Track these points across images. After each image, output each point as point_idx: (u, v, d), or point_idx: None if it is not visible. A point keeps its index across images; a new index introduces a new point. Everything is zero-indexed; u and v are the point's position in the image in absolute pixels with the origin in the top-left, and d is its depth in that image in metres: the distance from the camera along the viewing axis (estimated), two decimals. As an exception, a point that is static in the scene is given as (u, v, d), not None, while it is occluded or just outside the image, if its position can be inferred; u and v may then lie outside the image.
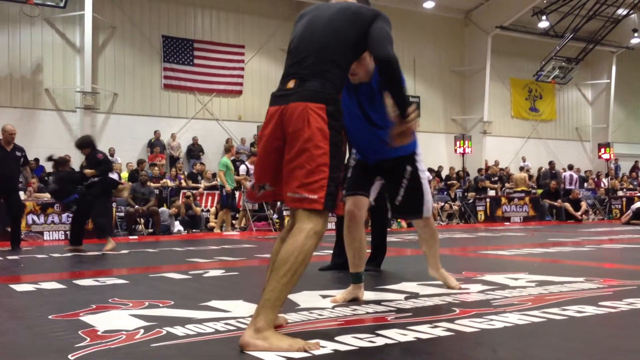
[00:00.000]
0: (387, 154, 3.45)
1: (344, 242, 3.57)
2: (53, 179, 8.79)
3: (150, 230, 12.47)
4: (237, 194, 13.37)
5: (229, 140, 17.78)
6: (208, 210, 14.10)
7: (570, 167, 20.19)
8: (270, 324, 2.39)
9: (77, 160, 12.03)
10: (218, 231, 12.66)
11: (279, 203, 13.66)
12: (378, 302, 3.39)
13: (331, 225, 13.09)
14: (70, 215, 9.13)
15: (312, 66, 2.63)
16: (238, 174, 13.47)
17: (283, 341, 2.34)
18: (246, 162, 13.93)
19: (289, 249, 2.45)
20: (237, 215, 13.97)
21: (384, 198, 5.32)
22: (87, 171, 8.16)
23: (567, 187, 18.64)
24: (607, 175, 20.49)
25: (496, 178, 19.18)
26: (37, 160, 14.29)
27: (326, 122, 2.53)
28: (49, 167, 12.52)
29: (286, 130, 2.56)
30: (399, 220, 14.37)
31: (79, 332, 2.72)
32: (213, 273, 5.20)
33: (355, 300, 3.46)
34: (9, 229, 8.96)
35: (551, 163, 19.27)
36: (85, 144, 8.33)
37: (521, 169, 20.87)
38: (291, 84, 2.62)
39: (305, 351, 2.29)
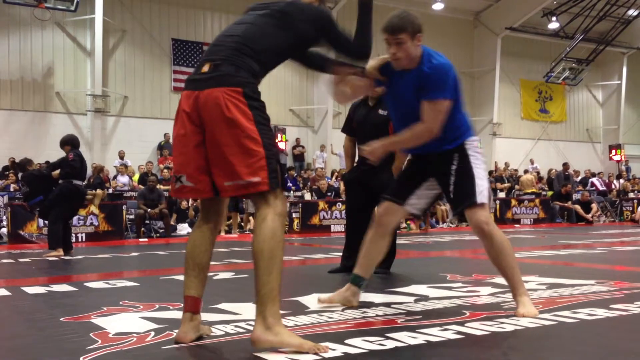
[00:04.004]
0: (434, 147, 3.17)
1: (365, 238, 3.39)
2: (23, 180, 8.58)
3: (156, 235, 12.50)
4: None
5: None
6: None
7: (593, 175, 21.30)
8: (278, 317, 2.38)
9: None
10: (222, 234, 12.67)
11: (287, 204, 13.68)
12: (388, 305, 3.39)
13: (341, 227, 13.09)
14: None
15: (229, 51, 2.57)
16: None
17: (293, 338, 2.36)
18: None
19: (260, 239, 2.43)
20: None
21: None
22: (54, 172, 8.09)
23: (601, 188, 19.77)
24: (618, 177, 20.39)
25: (509, 184, 19.23)
26: (47, 162, 14.38)
27: (246, 104, 2.46)
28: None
29: (203, 117, 2.49)
30: (408, 222, 14.35)
31: (91, 335, 2.74)
32: (223, 275, 5.21)
33: (347, 305, 3.29)
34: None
35: (565, 165, 19.19)
36: (66, 142, 8.18)
37: (526, 171, 20.80)
38: (206, 68, 2.55)
39: (315, 353, 2.30)
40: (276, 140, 2.54)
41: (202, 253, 2.66)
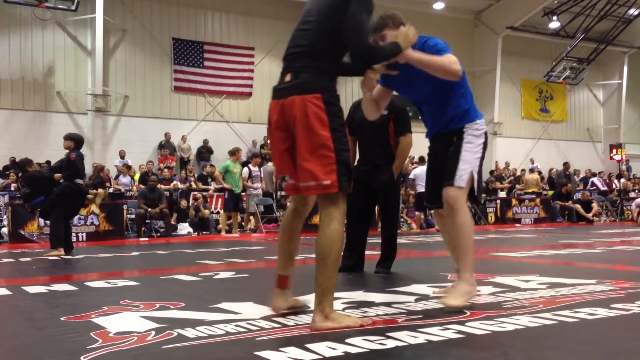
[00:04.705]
0: (442, 127, 3.44)
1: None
2: (24, 181, 8.51)
3: (157, 234, 12.51)
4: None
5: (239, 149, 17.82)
6: (218, 212, 14.13)
7: (594, 174, 21.38)
8: (332, 307, 2.77)
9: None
10: (223, 233, 12.68)
11: (288, 203, 13.66)
12: (388, 304, 3.38)
13: (341, 226, 13.08)
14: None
15: (304, 59, 2.81)
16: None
17: (347, 320, 2.77)
18: (249, 165, 13.85)
19: (327, 239, 2.72)
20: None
21: (393, 200, 5.34)
22: (56, 175, 8.07)
23: (602, 188, 19.90)
24: (618, 177, 20.40)
25: (511, 178, 19.28)
26: (48, 162, 14.39)
27: (324, 110, 2.72)
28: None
29: (288, 122, 2.77)
30: (409, 222, 14.35)
31: (91, 334, 2.74)
32: (223, 275, 5.22)
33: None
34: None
35: (566, 164, 19.20)
36: (70, 138, 8.18)
37: (531, 170, 20.81)
38: (288, 77, 2.81)
39: (362, 326, 2.71)
40: (349, 142, 2.82)
41: (286, 241, 3.03)
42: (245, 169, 13.41)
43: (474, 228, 3.37)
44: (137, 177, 15.42)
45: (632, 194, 19.64)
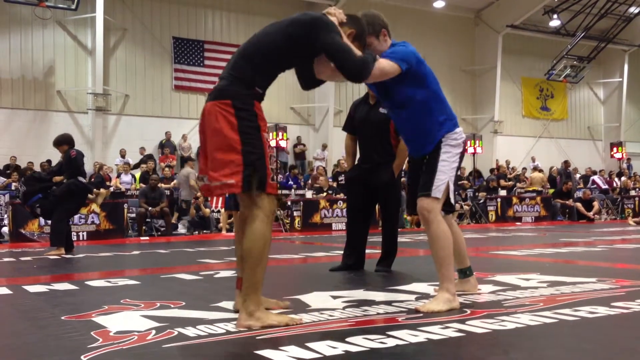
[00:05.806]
0: (422, 150, 3.39)
1: None
2: (24, 183, 8.39)
3: (158, 233, 12.51)
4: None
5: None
6: (218, 211, 14.12)
7: (594, 172, 21.33)
8: (258, 305, 2.80)
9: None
10: (224, 232, 12.68)
11: (289, 202, 13.69)
12: (389, 303, 3.39)
13: (342, 225, 13.08)
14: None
15: (227, 68, 2.95)
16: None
17: (272, 318, 2.79)
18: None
19: (250, 239, 2.81)
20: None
21: (393, 199, 5.35)
22: (56, 178, 8.00)
23: (603, 187, 19.92)
24: (619, 175, 20.37)
25: (511, 176, 19.29)
26: (49, 162, 14.40)
27: (233, 114, 2.80)
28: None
29: (204, 126, 2.92)
30: (408, 219, 14.34)
31: (92, 333, 2.74)
32: (224, 274, 5.21)
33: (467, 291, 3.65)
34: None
35: (566, 162, 19.20)
36: (62, 141, 8.07)
37: (535, 169, 20.81)
38: (217, 83, 2.96)
39: (287, 325, 2.74)
40: (264, 146, 2.89)
41: (237, 245, 3.08)
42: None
43: (450, 238, 3.26)
44: (137, 175, 15.42)
45: (632, 192, 19.64)
